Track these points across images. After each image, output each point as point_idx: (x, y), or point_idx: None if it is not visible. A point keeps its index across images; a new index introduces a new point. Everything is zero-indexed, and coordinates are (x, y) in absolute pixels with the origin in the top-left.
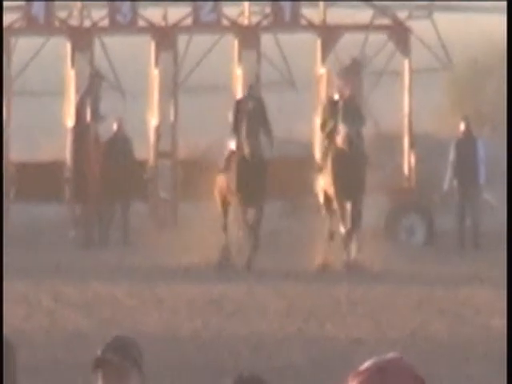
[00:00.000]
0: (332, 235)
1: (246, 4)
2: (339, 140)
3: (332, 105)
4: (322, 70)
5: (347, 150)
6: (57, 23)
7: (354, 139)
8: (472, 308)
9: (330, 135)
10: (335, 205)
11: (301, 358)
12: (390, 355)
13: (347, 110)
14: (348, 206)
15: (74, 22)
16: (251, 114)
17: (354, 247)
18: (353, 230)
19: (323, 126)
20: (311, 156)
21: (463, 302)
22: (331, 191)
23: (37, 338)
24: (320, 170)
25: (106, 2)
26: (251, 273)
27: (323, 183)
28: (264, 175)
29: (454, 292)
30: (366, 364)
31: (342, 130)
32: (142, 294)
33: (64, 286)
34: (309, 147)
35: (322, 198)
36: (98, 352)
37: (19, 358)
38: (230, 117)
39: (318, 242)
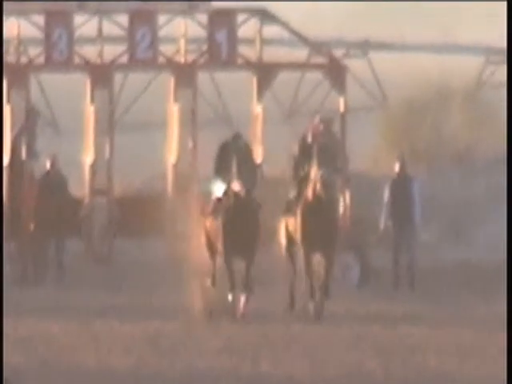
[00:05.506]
0: (293, 284)
1: (183, 42)
2: (313, 186)
3: (306, 148)
4: (258, 108)
5: (322, 196)
6: None
7: (330, 186)
8: (407, 347)
9: (303, 180)
10: (300, 255)
11: None
12: None
13: (322, 154)
14: (317, 257)
15: (10, 58)
16: (238, 160)
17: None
18: (325, 285)
19: (296, 168)
20: None
21: (399, 341)
22: (297, 239)
23: None
24: (287, 212)
25: (42, 39)
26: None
27: (287, 227)
28: (256, 223)
29: (390, 331)
30: None
31: (317, 174)
32: (77, 331)
33: None
34: None
35: (283, 241)
36: None
37: None
38: (214, 161)
39: (263, 282)
